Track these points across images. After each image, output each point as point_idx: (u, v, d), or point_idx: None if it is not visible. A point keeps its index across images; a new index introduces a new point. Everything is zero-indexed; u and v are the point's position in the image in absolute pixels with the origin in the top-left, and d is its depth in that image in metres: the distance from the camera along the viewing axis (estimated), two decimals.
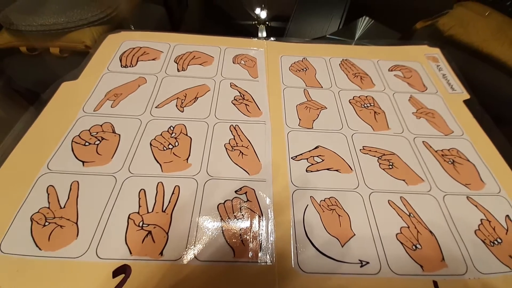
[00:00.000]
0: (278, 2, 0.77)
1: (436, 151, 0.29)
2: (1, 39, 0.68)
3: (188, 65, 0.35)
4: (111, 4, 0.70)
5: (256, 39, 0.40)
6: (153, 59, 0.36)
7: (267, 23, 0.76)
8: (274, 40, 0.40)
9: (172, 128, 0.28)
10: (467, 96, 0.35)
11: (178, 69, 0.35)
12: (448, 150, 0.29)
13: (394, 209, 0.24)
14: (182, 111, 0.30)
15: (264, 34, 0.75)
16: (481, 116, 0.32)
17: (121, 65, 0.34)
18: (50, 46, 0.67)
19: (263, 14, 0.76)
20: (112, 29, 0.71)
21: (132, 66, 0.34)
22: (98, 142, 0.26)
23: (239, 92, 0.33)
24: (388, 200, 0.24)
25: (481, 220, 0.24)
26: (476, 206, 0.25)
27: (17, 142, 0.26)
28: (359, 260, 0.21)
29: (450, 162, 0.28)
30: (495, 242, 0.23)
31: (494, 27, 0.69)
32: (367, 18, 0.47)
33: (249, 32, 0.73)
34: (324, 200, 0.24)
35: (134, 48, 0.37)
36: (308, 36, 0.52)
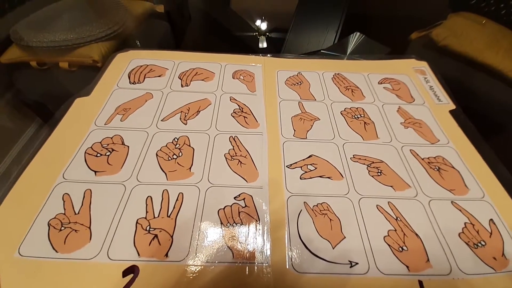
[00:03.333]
0: (277, 14, 0.82)
1: (422, 159, 0.30)
2: (11, 54, 0.72)
3: (191, 80, 0.38)
4: (118, 21, 0.75)
5: (254, 55, 0.43)
6: (159, 76, 0.39)
7: (267, 34, 0.80)
8: (271, 56, 0.43)
9: (176, 140, 0.31)
10: (452, 106, 0.37)
11: (182, 84, 0.37)
12: (434, 157, 0.31)
13: (382, 213, 0.26)
14: (186, 124, 0.32)
15: (265, 45, 0.79)
16: (466, 125, 0.34)
17: (130, 82, 0.37)
18: (60, 60, 0.71)
19: (263, 26, 0.80)
20: (119, 44, 0.76)
21: (140, 83, 0.37)
22: (108, 153, 0.29)
23: (238, 105, 0.35)
24: (377, 205, 0.26)
25: (465, 223, 0.25)
26: (460, 210, 0.26)
27: (34, 154, 0.28)
28: (349, 261, 0.22)
29: (436, 169, 0.29)
30: (479, 244, 0.24)
31: (488, 36, 0.71)
32: (358, 33, 0.50)
33: (251, 42, 0.77)
34: (317, 205, 0.26)
35: (141, 66, 0.40)
36: (306, 46, 0.55)
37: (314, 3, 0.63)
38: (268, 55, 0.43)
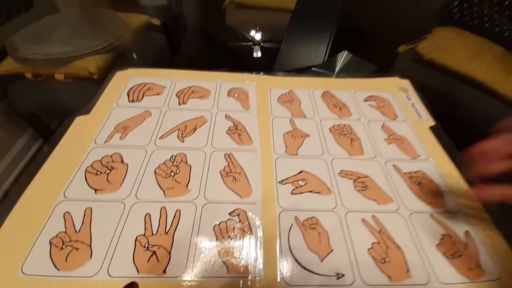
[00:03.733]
0: (271, 27, 0.85)
1: (404, 174, 0.33)
2: (6, 66, 0.73)
3: (188, 98, 0.40)
4: (115, 34, 0.77)
5: (248, 73, 0.45)
6: (157, 94, 0.40)
7: (262, 44, 0.83)
8: (264, 74, 0.45)
9: (173, 157, 0.32)
10: (432, 123, 0.40)
11: (179, 102, 0.39)
12: (415, 172, 0.33)
13: (366, 226, 0.27)
14: (183, 141, 0.34)
15: (259, 55, 0.82)
16: (444, 141, 0.37)
17: (129, 100, 0.39)
18: (55, 72, 0.72)
19: (257, 37, 0.83)
20: (115, 57, 0.77)
21: (139, 101, 0.39)
22: (108, 171, 0.30)
23: (233, 123, 0.37)
24: (362, 219, 0.28)
25: (442, 235, 0.27)
26: (438, 222, 0.28)
27: (35, 173, 0.29)
28: (336, 273, 0.24)
29: (416, 183, 0.32)
30: (455, 255, 0.26)
31: (472, 49, 0.76)
32: (346, 52, 0.53)
33: (245, 52, 0.80)
34: (307, 220, 0.27)
35: (140, 84, 0.41)
36: (299, 57, 0.58)
37: (307, 18, 0.66)
38: (261, 73, 0.45)
